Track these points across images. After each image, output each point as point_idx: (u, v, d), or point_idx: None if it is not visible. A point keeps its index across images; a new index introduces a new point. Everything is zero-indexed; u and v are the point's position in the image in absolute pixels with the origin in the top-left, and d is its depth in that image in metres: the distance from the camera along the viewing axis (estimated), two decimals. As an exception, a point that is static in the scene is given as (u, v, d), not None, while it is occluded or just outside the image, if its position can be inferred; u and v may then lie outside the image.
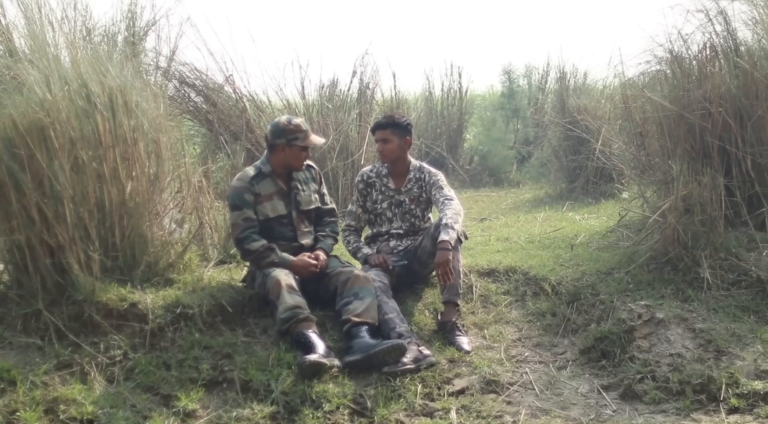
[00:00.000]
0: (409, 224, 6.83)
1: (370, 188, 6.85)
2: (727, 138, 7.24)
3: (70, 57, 6.39)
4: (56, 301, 5.64)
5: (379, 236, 6.90)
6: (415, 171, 6.80)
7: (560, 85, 14.71)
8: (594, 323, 6.42)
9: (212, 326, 5.99)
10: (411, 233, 6.84)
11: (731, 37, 7.61)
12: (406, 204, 6.79)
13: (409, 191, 6.78)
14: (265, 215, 6.23)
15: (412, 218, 6.83)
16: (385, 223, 6.85)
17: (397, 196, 6.79)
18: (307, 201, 6.44)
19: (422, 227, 6.84)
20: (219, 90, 10.92)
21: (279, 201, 6.29)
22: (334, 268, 6.30)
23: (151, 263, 6.17)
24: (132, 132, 6.06)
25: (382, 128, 6.64)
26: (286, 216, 6.32)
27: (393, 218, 6.83)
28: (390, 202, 6.80)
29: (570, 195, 12.78)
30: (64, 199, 5.60)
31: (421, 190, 6.76)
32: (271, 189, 6.27)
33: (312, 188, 6.51)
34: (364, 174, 6.92)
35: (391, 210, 6.81)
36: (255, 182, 6.20)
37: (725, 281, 6.64)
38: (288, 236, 6.33)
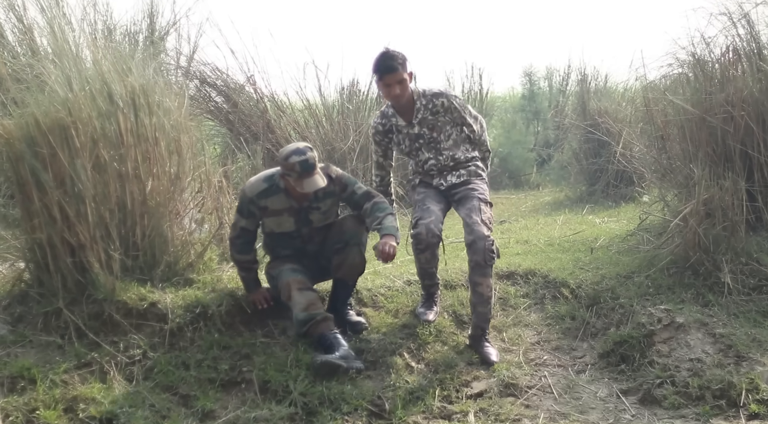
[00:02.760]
0: (435, 151, 6.44)
1: (389, 135, 6.52)
2: (749, 142, 7.20)
3: (92, 56, 6.40)
4: (76, 300, 5.66)
5: (423, 173, 6.56)
6: (422, 100, 6.35)
7: (581, 88, 14.65)
8: (613, 327, 6.41)
9: (231, 326, 6.00)
10: (450, 167, 6.48)
11: (755, 41, 7.57)
12: (426, 135, 6.39)
13: (424, 121, 6.37)
14: (271, 229, 6.07)
15: (437, 145, 6.42)
16: (417, 155, 6.50)
17: (411, 131, 6.41)
18: (321, 218, 6.09)
19: (450, 147, 6.47)
20: (240, 90, 10.94)
21: (288, 218, 6.00)
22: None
23: (171, 262, 6.18)
24: (153, 131, 6.07)
25: (394, 71, 6.10)
26: (295, 232, 6.08)
27: (419, 152, 6.47)
28: (408, 139, 6.45)
29: (590, 198, 12.76)
30: (86, 199, 5.61)
31: (437, 118, 6.36)
32: (282, 205, 5.96)
33: (330, 204, 6.10)
34: (377, 125, 6.53)
35: (414, 145, 6.45)
36: (264, 196, 5.90)
37: (746, 286, 6.61)
38: (296, 248, 6.16)
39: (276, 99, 10.98)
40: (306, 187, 5.66)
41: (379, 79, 6.18)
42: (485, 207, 6.27)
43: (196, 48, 10.36)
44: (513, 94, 19.09)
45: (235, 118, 10.78)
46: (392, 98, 6.23)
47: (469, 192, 6.34)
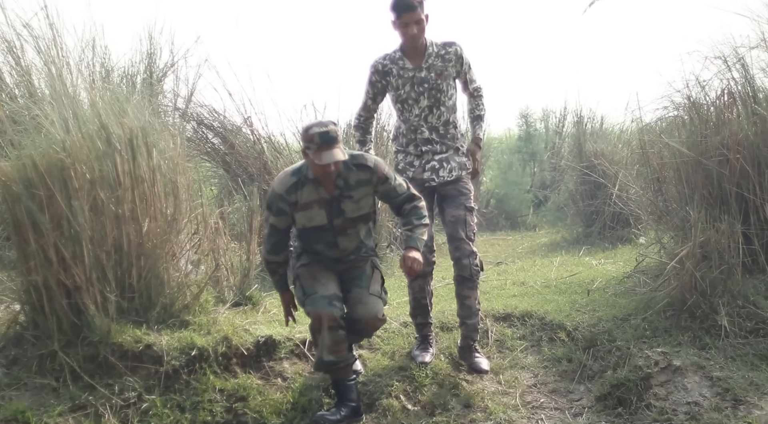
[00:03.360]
0: (434, 100, 6.27)
1: (388, 77, 6.35)
2: (745, 185, 7.22)
3: (90, 98, 6.43)
4: (72, 342, 5.64)
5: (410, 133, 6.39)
6: (434, 47, 6.28)
7: (577, 129, 14.70)
8: (610, 370, 6.39)
9: (227, 368, 5.98)
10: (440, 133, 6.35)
11: (749, 84, 7.61)
12: (431, 79, 6.25)
13: (432, 67, 6.26)
14: (302, 224, 5.69)
15: (438, 94, 6.26)
16: (412, 106, 6.30)
17: (417, 74, 6.25)
18: (354, 208, 5.70)
19: (448, 105, 6.34)
20: (237, 131, 10.96)
21: (319, 210, 5.64)
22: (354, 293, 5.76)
23: (167, 304, 6.16)
24: (150, 173, 6.08)
25: (412, 9, 5.99)
26: (327, 224, 5.69)
27: (419, 98, 6.26)
28: (412, 82, 6.27)
29: (587, 240, 12.76)
30: (83, 240, 5.62)
31: (446, 64, 6.27)
32: (312, 197, 5.61)
33: (363, 193, 5.70)
34: (378, 64, 6.36)
35: (415, 90, 6.26)
36: (293, 191, 5.58)
37: (743, 329, 6.60)
38: (328, 241, 5.75)
39: (273, 140, 10.99)
40: (324, 159, 5.35)
41: (396, 18, 6.06)
42: (470, 218, 6.29)
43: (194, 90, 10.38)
44: (509, 135, 19.12)
45: (232, 159, 10.79)
46: (409, 38, 6.13)
47: (458, 197, 6.33)
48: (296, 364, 6.28)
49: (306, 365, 6.25)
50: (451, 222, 6.24)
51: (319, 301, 5.53)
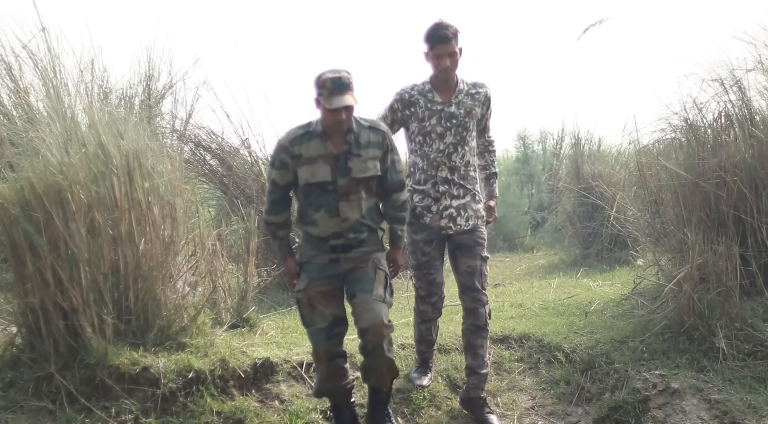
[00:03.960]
0: (460, 138, 6.01)
1: (412, 107, 6.07)
2: (742, 207, 7.23)
3: (88, 120, 6.43)
4: (68, 364, 5.62)
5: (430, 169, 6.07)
6: (464, 84, 6.08)
7: (575, 151, 14.71)
8: (608, 392, 6.38)
9: (224, 390, 5.96)
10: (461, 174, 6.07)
11: (746, 107, 7.63)
12: (460, 116, 6.00)
13: (461, 103, 6.04)
14: (305, 179, 5.36)
15: (464, 132, 6.02)
16: (435, 141, 6.01)
17: (446, 109, 6.00)
18: (361, 168, 5.40)
19: (471, 146, 6.11)
20: (234, 153, 10.97)
21: (324, 166, 5.34)
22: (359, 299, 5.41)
23: (164, 326, 6.15)
24: (147, 195, 6.08)
25: (446, 41, 5.80)
26: (330, 183, 5.36)
27: (445, 133, 5.98)
28: (440, 117, 5.99)
29: (584, 261, 12.77)
30: (80, 262, 5.62)
31: (475, 103, 6.06)
32: (318, 152, 5.35)
33: (372, 154, 5.44)
34: (404, 93, 6.11)
35: (442, 124, 5.98)
36: (298, 143, 5.34)
37: (741, 352, 6.59)
38: (330, 206, 5.38)
39: (271, 162, 11.00)
40: (334, 103, 5.15)
41: (430, 49, 5.87)
42: (485, 268, 6.12)
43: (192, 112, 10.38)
44: (507, 156, 19.14)
45: (230, 181, 10.79)
46: (441, 70, 5.91)
47: (474, 247, 6.07)
48: (294, 386, 6.26)
49: (303, 388, 6.24)
50: (467, 273, 6.04)
51: (316, 335, 5.42)
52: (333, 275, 5.48)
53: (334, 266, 5.49)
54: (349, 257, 5.50)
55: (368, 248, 5.56)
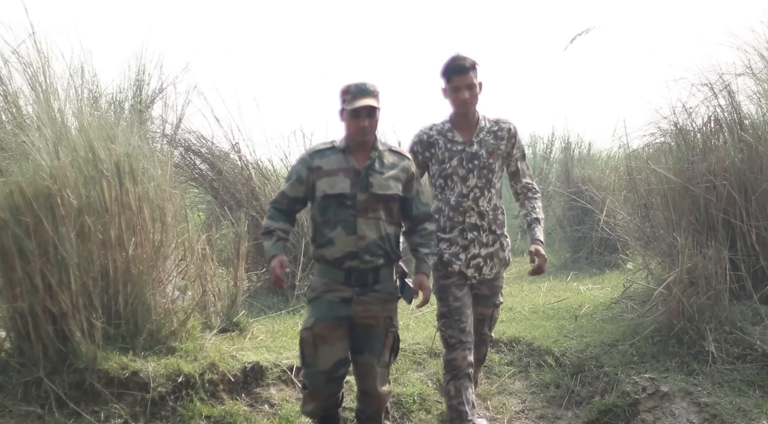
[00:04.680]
0: (486, 181, 5.59)
1: (432, 149, 5.68)
2: (732, 211, 7.26)
3: (78, 124, 6.42)
4: (57, 369, 5.61)
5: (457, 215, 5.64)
6: (486, 121, 5.69)
7: (565, 155, 14.74)
8: (598, 396, 6.39)
9: (214, 394, 5.95)
10: (490, 219, 5.66)
11: (736, 111, 7.67)
12: (482, 158, 5.59)
13: (483, 142, 5.63)
14: (323, 191, 5.15)
15: (489, 174, 5.60)
16: (458, 183, 5.60)
17: (468, 149, 5.61)
18: (383, 185, 5.17)
19: (497, 188, 5.70)
20: (224, 158, 10.94)
21: (344, 179, 5.15)
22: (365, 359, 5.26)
23: (154, 330, 6.14)
24: (137, 199, 6.07)
25: (464, 72, 5.45)
26: (349, 197, 5.13)
27: (468, 176, 5.58)
28: (461, 158, 5.59)
29: (574, 265, 12.78)
30: (69, 267, 5.60)
31: (498, 142, 5.64)
32: (339, 165, 5.19)
33: (395, 174, 5.24)
34: (423, 134, 5.74)
35: (464, 166, 5.58)
36: (319, 156, 5.22)
37: (730, 355, 6.62)
38: (347, 222, 5.12)
39: (261, 166, 10.97)
40: (356, 103, 5.00)
41: (447, 82, 5.51)
42: (496, 312, 6.00)
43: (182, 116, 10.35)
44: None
45: (220, 185, 10.77)
46: (460, 103, 5.51)
47: (491, 297, 5.83)
48: (283, 390, 6.25)
49: (293, 392, 6.23)
50: (478, 320, 5.76)
51: (316, 377, 5.19)
52: (342, 316, 5.17)
53: (345, 307, 5.16)
54: (362, 300, 5.18)
55: (383, 294, 5.24)
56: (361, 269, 5.16)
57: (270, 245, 5.23)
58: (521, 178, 5.80)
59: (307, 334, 5.15)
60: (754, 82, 7.80)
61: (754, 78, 7.78)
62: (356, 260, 5.14)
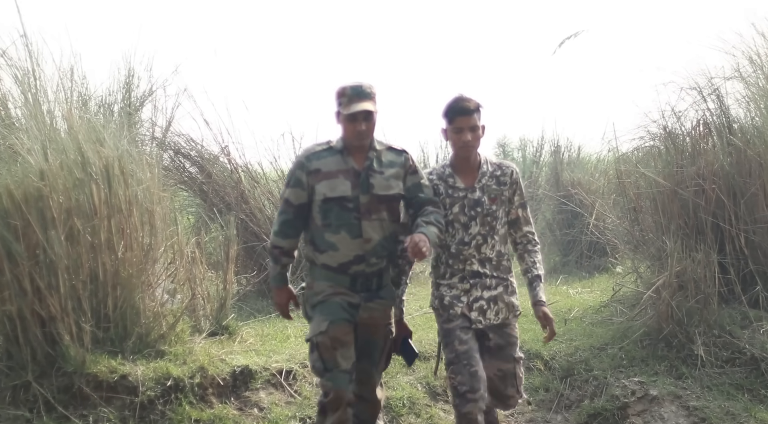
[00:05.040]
0: (489, 228, 5.18)
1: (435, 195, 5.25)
2: (721, 215, 7.28)
3: (67, 127, 6.41)
4: (46, 372, 5.59)
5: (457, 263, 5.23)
6: (488, 165, 5.28)
7: (554, 159, 14.77)
8: (587, 399, 6.40)
9: (203, 398, 5.94)
10: (493, 265, 5.25)
11: (724, 115, 7.69)
12: (485, 205, 5.19)
13: (486, 188, 5.21)
14: (323, 194, 4.94)
15: (492, 221, 5.20)
16: (459, 230, 5.19)
17: (470, 195, 5.20)
18: (384, 185, 5.01)
19: (501, 234, 5.25)
20: (214, 161, 10.93)
21: (344, 181, 4.95)
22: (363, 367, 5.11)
23: (143, 334, 6.13)
24: (127, 202, 6.06)
25: (468, 114, 5.08)
26: (351, 199, 4.94)
27: (469, 223, 5.17)
28: (462, 205, 5.19)
29: (564, 269, 12.79)
30: (58, 270, 5.58)
31: (501, 188, 5.23)
32: (338, 167, 4.99)
33: (394, 173, 5.08)
34: None
35: (466, 213, 5.18)
36: (316, 158, 5.00)
37: (719, 359, 6.63)
38: (351, 225, 4.94)
39: (250, 169, 10.96)
40: (353, 108, 4.81)
41: (449, 123, 5.13)
42: (519, 369, 5.33)
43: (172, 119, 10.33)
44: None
45: (209, 188, 10.75)
46: (461, 146, 5.12)
47: (505, 348, 5.28)
48: (272, 394, 6.25)
49: (283, 395, 6.23)
50: (499, 377, 5.21)
51: (341, 379, 4.90)
52: (351, 320, 4.99)
53: (353, 312, 5.00)
54: (368, 307, 5.05)
55: (387, 301, 5.14)
56: (367, 273, 5.02)
57: (275, 273, 5.16)
58: (522, 226, 5.38)
59: (323, 338, 4.90)
60: (743, 86, 7.83)
61: (743, 82, 7.80)
62: (363, 264, 4.99)
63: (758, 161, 7.28)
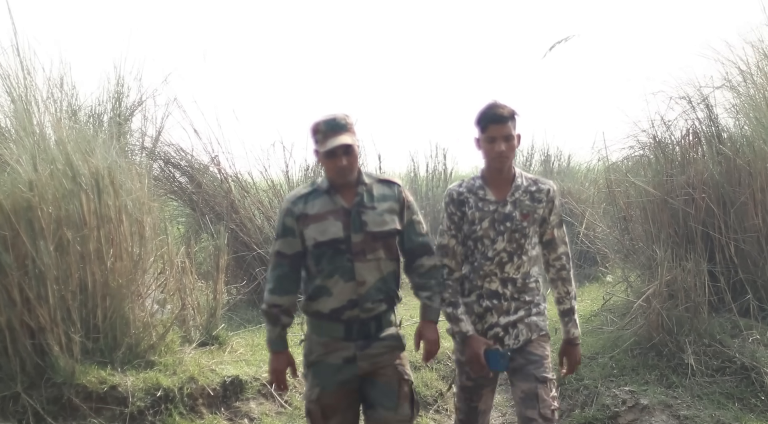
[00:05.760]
0: (517, 246, 4.70)
1: (463, 208, 4.81)
2: (711, 224, 7.30)
3: (56, 137, 6.40)
4: (35, 383, 5.58)
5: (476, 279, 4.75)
6: (523, 179, 4.83)
7: (544, 168, 14.81)
8: (578, 409, 6.39)
9: (193, 409, 5.93)
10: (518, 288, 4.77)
11: (714, 124, 7.72)
12: (516, 220, 4.71)
13: (519, 203, 4.74)
14: (314, 239, 4.48)
15: (521, 239, 4.72)
16: (487, 248, 4.71)
17: (501, 209, 4.73)
18: (378, 221, 4.54)
19: (530, 255, 4.79)
20: (204, 170, 10.92)
21: (334, 222, 4.49)
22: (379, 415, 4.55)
23: (132, 344, 6.12)
24: (116, 213, 6.06)
25: (502, 122, 4.64)
26: (343, 241, 4.47)
27: (497, 239, 4.70)
28: (492, 219, 4.72)
29: (553, 278, 12.78)
30: (47, 280, 5.57)
31: (536, 205, 4.76)
32: (326, 208, 4.52)
33: (388, 207, 4.61)
34: (453, 192, 4.87)
35: (495, 228, 4.71)
36: (302, 202, 4.55)
37: (709, 368, 6.63)
38: (344, 268, 4.46)
39: (240, 179, 10.95)
40: (329, 144, 4.39)
41: (481, 132, 4.69)
42: (545, 391, 4.69)
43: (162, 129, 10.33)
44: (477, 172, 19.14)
45: (199, 198, 10.74)
46: (495, 156, 4.66)
47: (526, 366, 4.71)
48: (263, 404, 6.24)
49: (273, 406, 6.22)
50: (522, 399, 4.68)
51: None
52: (350, 379, 4.51)
53: (351, 368, 4.49)
54: (367, 354, 4.51)
55: (388, 342, 4.59)
56: (363, 319, 4.52)
57: (274, 335, 4.61)
58: (557, 247, 4.87)
59: (314, 406, 4.53)
60: (732, 95, 7.86)
61: (732, 91, 7.83)
62: (356, 309, 4.49)
63: (747, 170, 7.30)
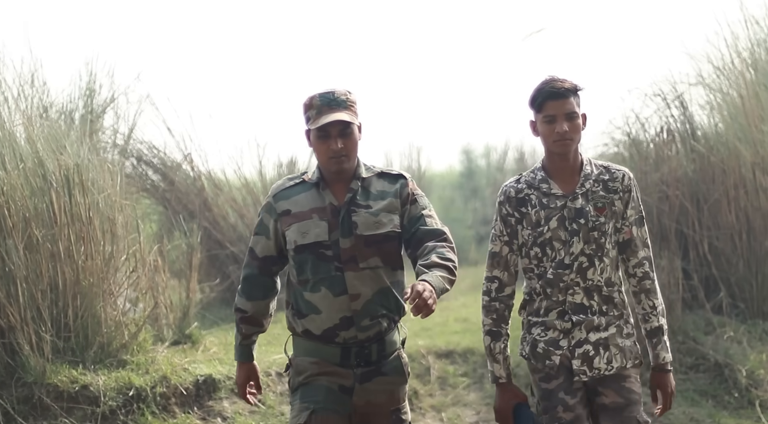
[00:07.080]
0: (597, 246, 3.77)
1: (524, 208, 3.87)
2: (685, 221, 7.32)
3: (26, 134, 6.36)
4: (5, 383, 5.54)
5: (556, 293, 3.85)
6: (592, 166, 3.93)
7: (519, 166, 14.85)
8: (553, 407, 6.38)
9: (165, 408, 5.89)
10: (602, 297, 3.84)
11: (688, 122, 7.75)
12: (590, 215, 3.78)
13: (592, 195, 3.83)
14: (294, 241, 3.69)
15: (601, 237, 3.78)
16: (559, 251, 3.80)
17: (570, 204, 3.81)
18: (371, 223, 3.69)
19: (611, 256, 3.84)
20: (177, 168, 10.85)
21: (318, 222, 3.68)
22: None
23: (104, 343, 6.07)
24: (87, 210, 6.01)
25: (562, 97, 3.76)
26: (330, 245, 3.65)
27: (571, 240, 3.78)
28: (562, 216, 3.80)
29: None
30: (17, 279, 5.53)
31: (611, 196, 3.85)
32: (313, 204, 3.72)
33: (385, 206, 3.75)
34: (508, 190, 3.91)
35: (566, 227, 3.79)
36: (285, 196, 3.78)
37: (683, 365, 6.65)
38: (332, 279, 3.64)
39: (213, 177, 10.90)
40: (323, 120, 3.59)
41: (537, 112, 3.82)
42: None
43: (134, 126, 10.27)
44: (451, 171, 19.21)
45: (172, 196, 10.67)
46: (557, 140, 3.75)
47: (624, 409, 3.80)
48: (236, 403, 6.20)
49: (246, 405, 6.17)
50: None
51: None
52: (344, 409, 3.69)
53: (345, 397, 3.69)
54: (366, 390, 3.70)
55: (392, 378, 3.77)
56: (361, 340, 3.70)
57: (236, 344, 4.00)
58: (637, 250, 3.91)
59: None
60: (706, 93, 7.89)
61: (706, 88, 7.86)
62: (353, 329, 3.67)
63: (721, 168, 7.34)
